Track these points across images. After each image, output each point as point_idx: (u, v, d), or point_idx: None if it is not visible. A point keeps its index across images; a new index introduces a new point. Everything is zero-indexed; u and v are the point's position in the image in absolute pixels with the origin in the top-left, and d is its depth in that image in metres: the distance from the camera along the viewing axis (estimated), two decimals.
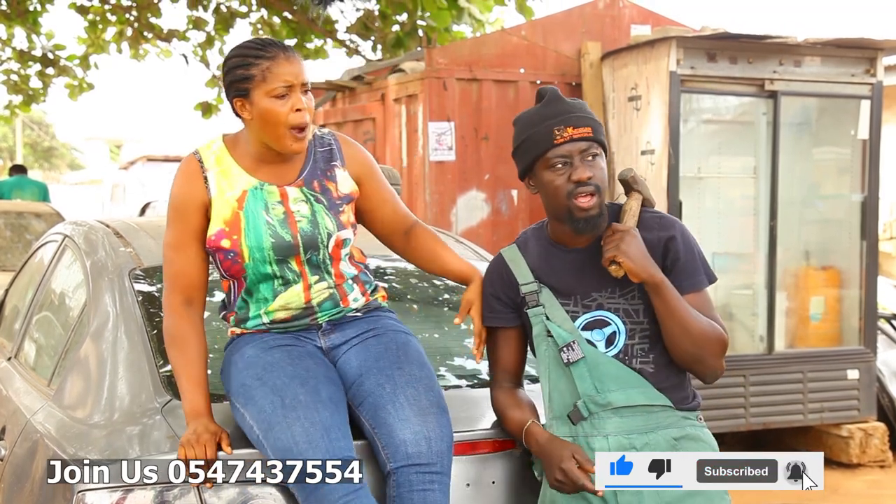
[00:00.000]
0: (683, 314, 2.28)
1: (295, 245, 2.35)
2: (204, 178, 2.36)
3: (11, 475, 2.61)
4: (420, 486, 2.19)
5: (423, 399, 2.27)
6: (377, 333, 2.43)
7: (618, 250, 2.25)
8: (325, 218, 2.38)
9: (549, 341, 2.36)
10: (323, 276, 2.40)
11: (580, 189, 2.29)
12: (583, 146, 2.30)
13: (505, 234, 6.54)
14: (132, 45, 12.34)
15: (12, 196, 10.83)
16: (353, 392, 2.33)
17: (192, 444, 2.15)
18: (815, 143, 6.47)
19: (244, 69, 2.30)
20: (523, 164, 2.38)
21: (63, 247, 3.30)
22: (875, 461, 6.17)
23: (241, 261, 2.34)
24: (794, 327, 6.38)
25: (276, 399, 2.19)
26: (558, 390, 2.36)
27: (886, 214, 10.37)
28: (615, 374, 2.32)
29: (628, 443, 2.30)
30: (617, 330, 2.34)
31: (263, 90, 2.29)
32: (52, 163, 39.27)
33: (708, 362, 2.32)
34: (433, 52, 6.63)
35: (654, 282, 2.26)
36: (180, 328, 2.33)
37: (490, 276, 2.49)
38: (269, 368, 2.27)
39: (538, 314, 2.38)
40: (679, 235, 2.36)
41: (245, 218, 2.34)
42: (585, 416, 2.31)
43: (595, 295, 2.36)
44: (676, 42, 5.74)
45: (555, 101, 2.37)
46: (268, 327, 2.40)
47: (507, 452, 2.42)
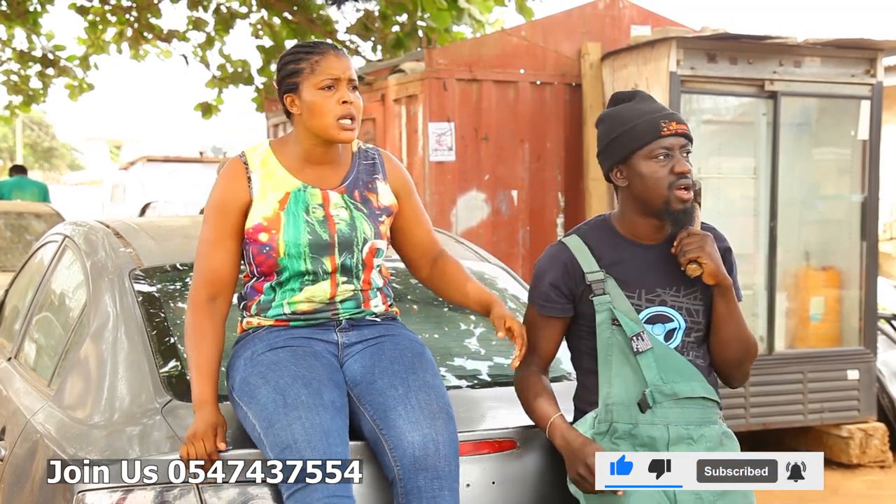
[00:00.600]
0: (740, 319, 2.47)
1: (331, 244, 2.39)
2: (248, 178, 2.41)
3: (11, 475, 2.61)
4: (429, 492, 2.19)
5: (434, 404, 2.29)
6: (394, 338, 2.44)
7: (702, 251, 2.38)
8: (363, 223, 2.42)
9: (613, 329, 2.43)
10: (351, 280, 2.43)
11: (681, 181, 2.40)
12: (683, 141, 2.42)
13: (505, 235, 6.54)
14: (132, 46, 12.34)
15: (12, 196, 10.83)
16: (360, 390, 2.33)
17: (191, 442, 2.17)
18: (815, 143, 6.47)
19: (294, 64, 2.40)
20: (621, 155, 2.44)
21: (63, 247, 3.30)
22: (875, 461, 6.17)
23: (276, 255, 2.37)
24: (795, 328, 6.38)
25: (278, 397, 2.20)
26: (621, 377, 2.42)
27: (886, 215, 10.37)
28: (679, 366, 2.43)
29: (686, 433, 2.39)
30: (678, 326, 2.45)
31: (311, 82, 2.37)
32: (52, 163, 39.27)
33: (745, 367, 2.52)
34: (433, 52, 6.63)
35: (726, 285, 2.43)
36: (200, 323, 2.36)
37: (550, 266, 2.51)
38: (274, 367, 2.28)
39: (605, 302, 2.44)
40: (731, 249, 2.55)
41: (285, 216, 2.38)
42: (651, 405, 2.39)
43: (659, 291, 2.45)
44: (676, 42, 5.74)
45: (650, 100, 2.50)
46: (288, 318, 2.41)
47: (507, 452, 2.42)
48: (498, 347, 3.02)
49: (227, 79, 11.99)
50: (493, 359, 2.96)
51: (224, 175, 2.44)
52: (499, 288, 3.29)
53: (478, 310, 2.58)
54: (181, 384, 2.45)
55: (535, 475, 2.46)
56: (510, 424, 2.48)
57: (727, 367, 2.50)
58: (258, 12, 11.69)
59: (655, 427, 2.38)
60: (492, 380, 2.83)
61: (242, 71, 11.97)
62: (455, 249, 3.48)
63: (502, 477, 2.41)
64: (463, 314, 3.13)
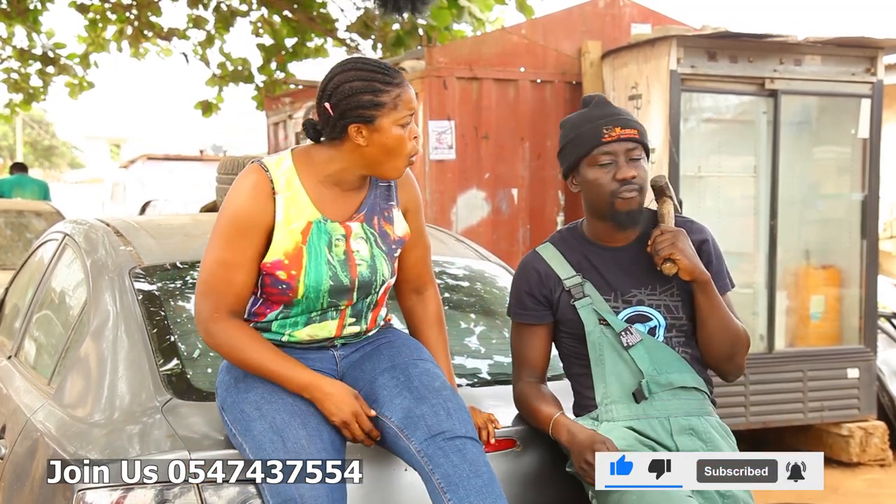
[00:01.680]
0: (723, 312, 2.45)
1: (351, 290, 2.31)
2: (273, 199, 2.25)
3: (11, 474, 2.61)
4: (453, 448, 2.13)
5: (437, 381, 2.27)
6: (390, 342, 2.42)
7: (675, 248, 2.38)
8: (382, 264, 2.34)
9: (601, 328, 2.44)
10: (359, 322, 2.38)
11: (624, 188, 2.41)
12: (629, 146, 2.43)
13: (505, 233, 6.54)
14: (132, 44, 12.33)
15: (13, 194, 10.83)
16: (366, 392, 2.31)
17: (352, 422, 2.18)
18: (815, 142, 6.47)
19: (373, 95, 2.20)
20: (569, 162, 2.49)
21: (63, 245, 3.30)
22: (875, 460, 6.17)
23: (293, 296, 2.27)
24: (795, 326, 6.38)
25: (276, 438, 2.14)
26: (615, 374, 2.44)
27: (887, 213, 10.36)
28: (669, 358, 2.45)
29: (688, 424, 2.41)
30: (658, 324, 2.46)
31: (393, 118, 2.21)
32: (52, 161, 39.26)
33: (736, 360, 2.49)
34: (433, 50, 6.63)
35: (704, 279, 2.42)
36: (237, 328, 2.25)
37: (524, 274, 2.55)
38: (269, 398, 2.20)
39: (586, 305, 2.46)
40: (710, 239, 2.54)
41: (307, 254, 2.26)
42: (647, 395, 2.40)
43: (635, 291, 2.47)
44: (677, 41, 5.74)
45: (603, 104, 2.49)
46: (282, 345, 2.34)
47: (507, 452, 2.42)
48: (498, 346, 3.02)
49: (228, 77, 11.99)
50: (492, 357, 2.96)
51: (249, 190, 2.25)
52: (499, 287, 3.29)
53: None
54: (181, 383, 2.45)
55: (535, 474, 2.46)
56: (509, 423, 2.49)
57: (718, 361, 2.49)
58: (258, 10, 11.69)
59: (656, 420, 2.40)
60: (492, 378, 2.83)
61: (243, 69, 11.97)
62: (455, 248, 3.49)
63: (502, 476, 2.40)
64: (463, 313, 3.13)
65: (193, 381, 2.47)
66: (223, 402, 2.27)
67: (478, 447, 2.17)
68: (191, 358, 2.54)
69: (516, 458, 2.43)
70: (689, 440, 2.41)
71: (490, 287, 3.31)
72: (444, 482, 2.11)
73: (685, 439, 2.41)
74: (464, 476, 2.10)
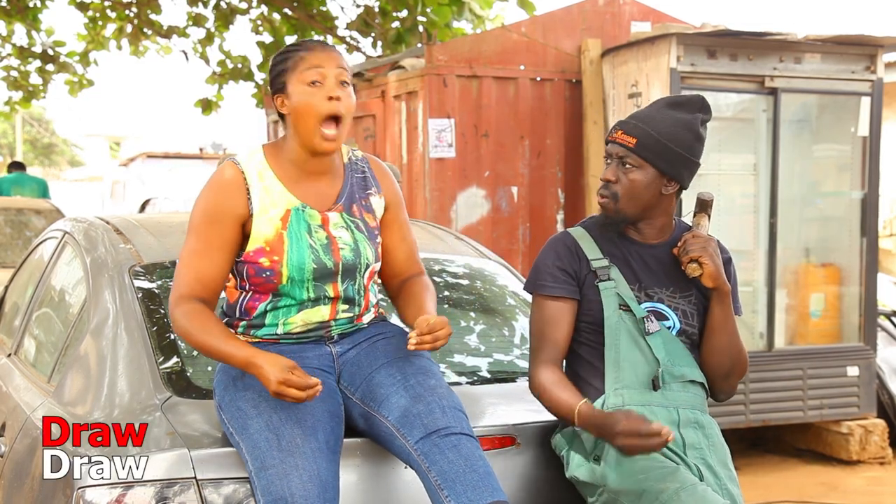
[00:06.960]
0: (733, 327, 2.49)
1: (335, 272, 2.32)
2: (247, 191, 2.30)
3: (11, 472, 2.61)
4: (448, 445, 2.14)
5: (432, 380, 2.28)
6: (386, 336, 2.42)
7: (704, 252, 2.42)
8: (366, 247, 2.36)
9: (621, 313, 2.46)
10: (352, 307, 2.39)
11: (601, 189, 2.50)
12: (621, 152, 2.48)
13: (504, 231, 6.54)
14: (132, 42, 12.34)
15: (12, 192, 10.82)
16: (363, 390, 2.31)
17: (282, 389, 2.10)
18: (815, 140, 6.47)
19: (282, 63, 2.32)
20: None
21: (63, 243, 3.30)
22: (875, 458, 6.17)
23: (277, 281, 2.29)
24: (794, 324, 6.38)
25: (271, 437, 2.13)
26: (630, 361, 2.45)
27: (886, 211, 10.35)
28: (681, 351, 2.48)
29: (694, 417, 2.45)
30: (672, 325, 2.49)
31: (297, 78, 2.29)
32: (51, 159, 39.24)
33: (732, 381, 2.54)
34: (433, 48, 6.62)
35: (725, 289, 2.46)
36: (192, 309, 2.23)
37: (555, 249, 2.55)
38: (266, 396, 2.18)
39: (610, 287, 2.48)
40: (732, 261, 2.59)
41: (288, 239, 2.29)
42: (660, 385, 2.43)
43: (657, 289, 2.50)
44: (677, 39, 5.74)
45: (647, 108, 2.60)
46: (279, 337, 2.36)
47: (506, 450, 2.42)
48: (497, 343, 3.02)
49: (227, 75, 12.00)
50: (492, 355, 2.96)
51: (220, 184, 2.31)
52: (499, 284, 3.29)
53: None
54: (181, 380, 2.45)
55: (534, 471, 2.46)
56: (509, 421, 2.49)
57: (715, 378, 2.53)
58: (258, 8, 11.70)
59: (665, 410, 2.42)
60: (491, 376, 2.83)
61: (242, 67, 11.97)
62: (455, 246, 3.49)
63: (502, 473, 2.40)
64: (462, 310, 3.13)
65: (193, 379, 2.47)
66: (220, 400, 2.28)
67: (473, 443, 2.18)
68: (190, 356, 2.54)
69: (516, 455, 2.43)
70: (693, 433, 2.43)
71: (490, 285, 3.31)
72: (440, 479, 2.12)
73: (690, 432, 2.42)
74: (460, 472, 2.11)
